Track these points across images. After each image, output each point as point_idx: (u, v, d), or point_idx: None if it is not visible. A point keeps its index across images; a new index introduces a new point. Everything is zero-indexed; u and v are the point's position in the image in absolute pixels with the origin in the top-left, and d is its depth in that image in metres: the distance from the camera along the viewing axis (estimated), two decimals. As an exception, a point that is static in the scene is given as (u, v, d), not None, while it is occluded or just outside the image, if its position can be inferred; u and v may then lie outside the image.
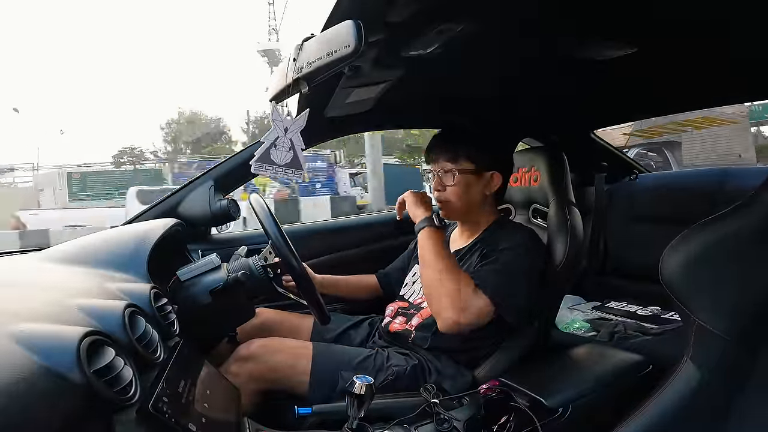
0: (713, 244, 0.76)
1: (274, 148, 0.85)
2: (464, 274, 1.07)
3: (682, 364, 0.78)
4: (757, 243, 0.73)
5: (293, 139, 0.85)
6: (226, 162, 1.51)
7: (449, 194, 1.20)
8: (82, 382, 0.50)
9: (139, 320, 0.70)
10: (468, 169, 1.18)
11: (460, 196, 1.19)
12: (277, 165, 0.86)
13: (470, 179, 1.19)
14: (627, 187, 2.07)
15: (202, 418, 0.67)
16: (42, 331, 0.54)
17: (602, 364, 1.09)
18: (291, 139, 0.85)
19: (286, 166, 0.86)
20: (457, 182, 1.18)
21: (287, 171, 0.87)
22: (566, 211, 1.22)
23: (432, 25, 0.81)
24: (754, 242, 0.73)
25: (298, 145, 0.86)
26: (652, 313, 1.74)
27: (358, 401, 0.74)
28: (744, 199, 0.75)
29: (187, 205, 1.44)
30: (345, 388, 0.80)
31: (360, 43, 0.66)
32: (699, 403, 0.76)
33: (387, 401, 1.01)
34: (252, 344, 1.09)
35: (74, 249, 0.98)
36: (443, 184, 1.20)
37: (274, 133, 0.85)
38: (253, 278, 1.06)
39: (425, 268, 1.09)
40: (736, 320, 0.73)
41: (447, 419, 0.82)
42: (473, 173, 1.19)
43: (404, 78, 1.08)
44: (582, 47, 0.98)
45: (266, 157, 0.85)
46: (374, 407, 0.99)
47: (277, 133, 0.85)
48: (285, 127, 0.85)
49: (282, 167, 0.86)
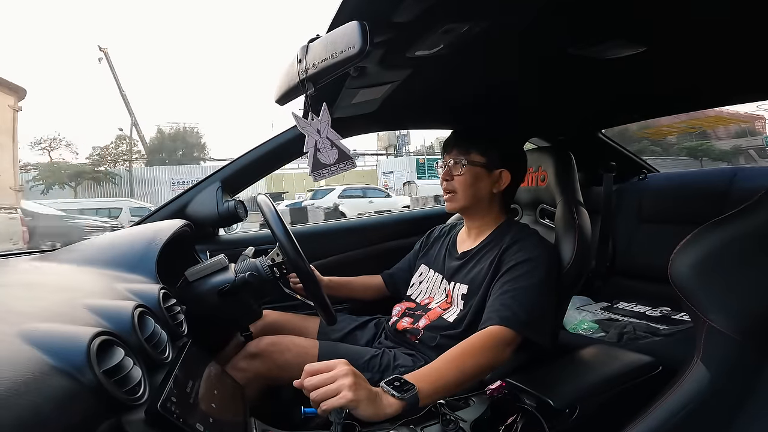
0: (724, 245, 0.75)
1: (319, 151, 0.86)
2: (476, 340, 0.97)
3: (693, 365, 0.77)
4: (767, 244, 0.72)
5: (330, 136, 0.86)
6: (233, 163, 1.53)
7: (456, 183, 1.20)
8: (92, 382, 0.51)
9: (148, 320, 0.71)
10: (478, 162, 1.18)
11: (467, 187, 1.19)
12: (330, 165, 0.87)
13: (479, 173, 1.19)
14: (636, 187, 2.05)
15: (209, 418, 0.68)
16: (53, 331, 0.54)
17: (610, 365, 1.08)
18: (328, 136, 0.86)
19: (338, 162, 0.87)
20: (465, 173, 1.18)
21: (341, 166, 0.87)
22: (574, 211, 1.22)
23: (438, 25, 0.80)
24: (764, 243, 0.72)
25: (336, 138, 0.86)
26: (662, 313, 1.72)
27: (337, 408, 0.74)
28: (753, 200, 0.74)
29: (195, 206, 1.46)
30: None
31: (366, 43, 0.66)
32: (709, 405, 0.75)
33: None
34: (261, 341, 1.10)
35: (84, 250, 0.99)
36: (452, 174, 1.20)
37: (312, 140, 0.85)
38: (261, 279, 1.06)
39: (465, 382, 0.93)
40: (747, 321, 0.72)
41: (453, 420, 0.81)
42: (483, 167, 1.18)
43: (410, 79, 1.08)
44: (590, 46, 0.97)
45: (318, 164, 0.86)
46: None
47: (314, 137, 0.85)
48: (316, 128, 0.85)
49: (335, 164, 0.87)
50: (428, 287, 1.29)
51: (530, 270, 1.06)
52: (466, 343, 0.95)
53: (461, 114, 1.54)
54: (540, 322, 1.03)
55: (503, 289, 1.05)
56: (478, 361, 0.93)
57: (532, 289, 1.04)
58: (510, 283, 1.05)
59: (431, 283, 1.29)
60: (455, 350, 0.94)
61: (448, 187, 1.22)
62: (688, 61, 1.10)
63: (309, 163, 0.86)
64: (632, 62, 1.02)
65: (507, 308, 1.00)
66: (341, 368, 0.77)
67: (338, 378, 0.75)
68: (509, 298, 1.03)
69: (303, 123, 0.85)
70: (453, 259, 1.26)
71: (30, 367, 0.47)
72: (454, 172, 1.20)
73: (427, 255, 1.37)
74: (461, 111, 1.52)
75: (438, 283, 1.26)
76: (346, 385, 0.74)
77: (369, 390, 0.77)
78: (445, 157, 1.23)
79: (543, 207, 1.39)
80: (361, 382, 0.76)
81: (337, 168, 0.87)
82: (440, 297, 1.23)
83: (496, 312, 1.01)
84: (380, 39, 0.79)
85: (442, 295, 1.22)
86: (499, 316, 0.99)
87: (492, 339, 0.97)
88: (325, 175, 0.88)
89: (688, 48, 1.01)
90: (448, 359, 0.92)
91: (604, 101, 1.52)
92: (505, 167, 1.20)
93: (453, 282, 1.20)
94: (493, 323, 0.98)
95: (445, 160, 1.22)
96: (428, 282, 1.30)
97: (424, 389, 0.81)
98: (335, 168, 0.87)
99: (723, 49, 1.01)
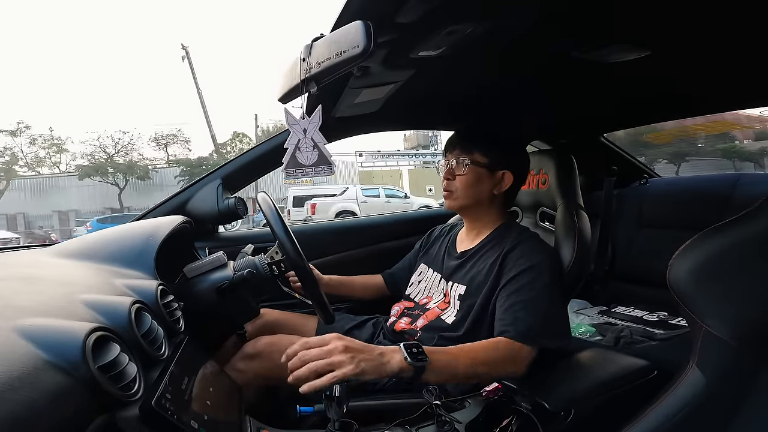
0: (723, 251, 0.76)
1: (299, 150, 0.86)
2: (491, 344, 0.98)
3: (688, 369, 0.77)
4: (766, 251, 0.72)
5: (314, 138, 0.86)
6: (233, 161, 1.53)
7: (457, 183, 1.19)
8: (87, 377, 0.51)
9: (145, 316, 0.70)
10: (480, 162, 1.17)
11: (468, 187, 1.18)
12: (306, 166, 0.87)
13: (481, 173, 1.18)
14: (637, 192, 2.04)
15: (204, 415, 0.68)
16: (48, 326, 0.54)
17: (606, 368, 1.08)
18: (312, 137, 0.86)
19: (314, 165, 0.87)
20: (467, 172, 1.17)
21: (317, 169, 0.88)
22: (574, 214, 1.21)
23: (441, 27, 0.80)
24: (763, 250, 0.72)
25: (321, 142, 0.87)
26: (659, 318, 1.72)
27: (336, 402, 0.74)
28: (754, 206, 0.74)
29: (195, 203, 1.46)
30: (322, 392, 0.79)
31: (369, 43, 0.66)
32: (705, 409, 0.75)
33: (389, 402, 1.01)
34: (259, 341, 1.10)
35: (82, 245, 0.99)
36: (453, 173, 1.20)
37: (295, 137, 0.86)
38: (259, 276, 1.06)
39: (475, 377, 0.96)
40: (744, 326, 0.72)
41: (448, 421, 0.81)
42: (485, 167, 1.18)
43: (413, 79, 1.08)
44: (593, 50, 0.97)
45: (294, 162, 0.87)
46: (376, 407, 0.99)
47: (298, 135, 0.85)
48: (303, 128, 0.85)
49: (311, 167, 0.87)
50: (427, 286, 1.29)
51: (535, 277, 1.05)
52: (489, 350, 0.97)
53: (463, 115, 1.54)
54: (554, 327, 1.03)
55: (512, 300, 1.04)
56: (490, 370, 0.94)
57: (541, 297, 1.03)
58: (517, 294, 1.04)
59: (430, 282, 1.29)
60: (476, 349, 0.96)
61: (449, 187, 1.21)
62: (692, 65, 1.10)
63: (285, 160, 0.86)
64: (635, 66, 1.02)
65: (522, 322, 1.00)
66: (335, 344, 0.79)
67: (334, 354, 0.78)
68: (522, 310, 1.02)
69: (291, 120, 0.86)
70: (452, 258, 1.26)
71: (25, 362, 0.47)
72: (456, 171, 1.19)
73: (427, 254, 1.38)
74: (463, 112, 1.52)
75: (436, 283, 1.26)
76: (341, 360, 0.77)
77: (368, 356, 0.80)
78: (447, 156, 1.22)
79: (543, 210, 1.39)
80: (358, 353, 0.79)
81: (313, 171, 0.87)
82: (438, 297, 1.22)
83: (513, 326, 1.00)
84: (384, 39, 0.79)
85: (440, 295, 1.22)
86: (516, 331, 0.99)
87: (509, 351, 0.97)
88: (298, 174, 0.87)
89: (692, 53, 1.01)
90: (467, 354, 0.93)
91: (606, 105, 1.51)
92: (508, 169, 1.20)
93: (451, 282, 1.20)
94: (510, 336, 0.99)
95: (447, 159, 1.22)
96: (427, 281, 1.30)
97: (434, 368, 0.85)
98: (311, 170, 0.87)
99: (726, 53, 1.01)
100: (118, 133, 22.97)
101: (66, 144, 23.45)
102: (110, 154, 22.38)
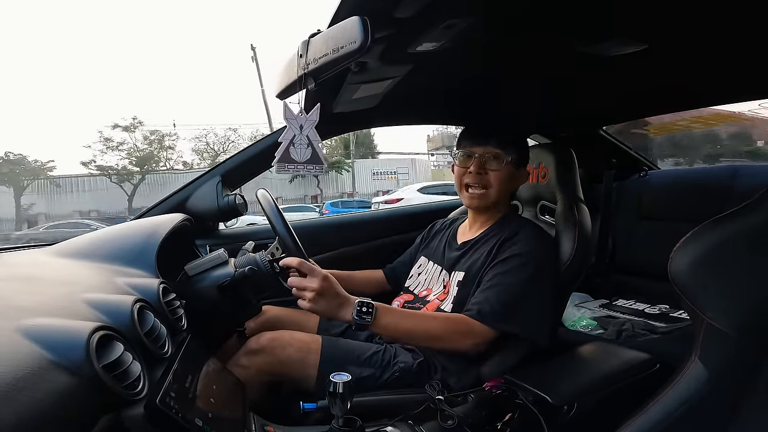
0: (723, 242, 0.75)
1: (293, 146, 0.86)
2: (451, 318, 1.06)
3: (690, 362, 0.77)
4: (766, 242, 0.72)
5: (309, 135, 0.86)
6: (233, 158, 1.53)
7: (492, 179, 1.17)
8: (91, 377, 0.51)
9: (147, 315, 0.70)
10: (512, 159, 1.17)
11: (503, 182, 1.18)
12: (298, 163, 0.87)
13: (513, 171, 1.19)
14: (636, 184, 2.05)
15: (208, 413, 0.68)
16: (52, 326, 0.54)
17: (608, 362, 1.08)
18: (308, 135, 0.86)
19: (307, 163, 0.88)
20: (503, 169, 1.17)
21: (308, 167, 0.88)
22: (574, 208, 1.22)
23: (439, 21, 0.80)
24: (764, 241, 0.72)
25: (315, 140, 0.87)
26: (661, 311, 1.73)
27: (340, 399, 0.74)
28: (754, 198, 0.74)
29: (195, 201, 1.46)
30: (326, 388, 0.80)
31: (366, 39, 0.66)
32: (707, 402, 0.75)
33: (392, 397, 1.02)
34: (262, 337, 1.10)
35: (84, 244, 0.99)
36: (486, 168, 1.17)
37: (291, 132, 0.85)
38: (260, 273, 1.06)
39: (422, 341, 1.06)
40: (745, 318, 0.72)
41: (451, 415, 0.82)
42: (514, 164, 1.18)
43: (411, 74, 1.08)
44: (594, 43, 0.97)
45: (287, 157, 0.87)
46: (379, 403, 1.00)
47: (293, 131, 0.85)
48: (300, 124, 0.85)
49: (303, 164, 0.88)
50: (427, 278, 1.29)
51: (520, 265, 1.07)
52: (443, 318, 1.06)
53: (462, 109, 1.54)
54: (524, 316, 1.04)
55: (491, 282, 1.07)
56: (441, 335, 1.02)
57: (519, 285, 1.05)
58: (498, 277, 1.07)
59: (430, 274, 1.29)
60: (434, 317, 1.06)
61: (480, 181, 1.18)
62: (690, 58, 1.09)
63: (278, 153, 0.86)
64: (634, 59, 1.02)
65: (487, 302, 1.03)
66: (313, 283, 0.95)
67: (308, 288, 0.95)
68: (493, 293, 1.05)
69: (289, 115, 0.86)
70: (453, 250, 1.26)
71: (29, 362, 0.47)
72: (490, 166, 1.17)
73: (428, 247, 1.38)
74: (462, 106, 1.51)
75: (437, 275, 1.26)
76: (308, 297, 0.95)
77: (328, 301, 0.96)
78: (473, 148, 1.19)
79: (543, 203, 1.39)
80: (322, 297, 0.96)
81: (305, 168, 0.88)
82: (438, 288, 1.23)
83: (478, 305, 1.04)
84: (381, 34, 0.79)
85: (440, 287, 1.23)
86: (479, 310, 1.03)
87: (465, 326, 1.03)
88: (290, 170, 0.88)
89: (690, 46, 1.00)
90: (421, 318, 1.05)
91: (605, 98, 1.51)
92: (525, 165, 1.22)
93: (452, 271, 1.21)
94: (471, 314, 1.03)
95: (477, 152, 1.18)
96: (427, 273, 1.30)
97: (380, 323, 0.97)
98: (302, 167, 0.88)
99: (725, 47, 1.00)
100: (228, 131, 23.67)
101: (175, 140, 23.92)
102: (218, 152, 22.79)
